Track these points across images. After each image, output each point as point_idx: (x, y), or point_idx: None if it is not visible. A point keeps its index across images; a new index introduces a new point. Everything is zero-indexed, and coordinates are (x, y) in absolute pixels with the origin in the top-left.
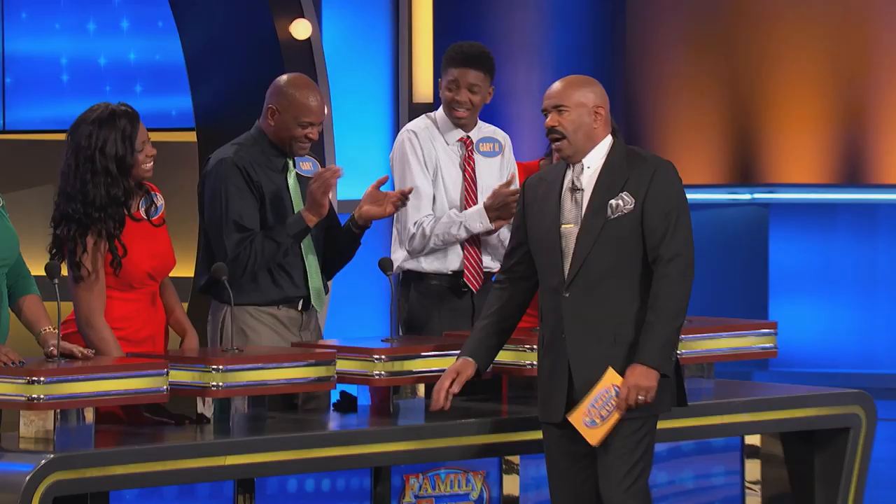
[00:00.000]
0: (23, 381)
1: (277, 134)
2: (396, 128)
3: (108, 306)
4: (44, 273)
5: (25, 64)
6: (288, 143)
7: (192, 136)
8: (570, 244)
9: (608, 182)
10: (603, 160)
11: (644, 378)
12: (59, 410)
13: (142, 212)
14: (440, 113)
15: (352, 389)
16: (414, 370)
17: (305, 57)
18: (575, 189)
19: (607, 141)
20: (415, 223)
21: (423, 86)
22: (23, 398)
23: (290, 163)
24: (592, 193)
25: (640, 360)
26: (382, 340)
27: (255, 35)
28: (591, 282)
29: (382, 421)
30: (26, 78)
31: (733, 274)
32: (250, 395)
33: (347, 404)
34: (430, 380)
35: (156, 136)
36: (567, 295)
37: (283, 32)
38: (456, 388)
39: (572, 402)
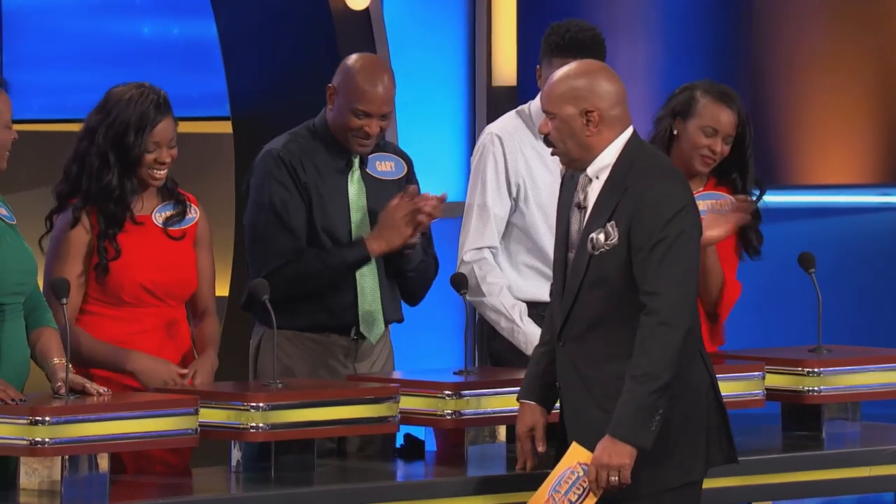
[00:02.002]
0: (24, 421)
1: (335, 122)
2: (472, 115)
3: (94, 324)
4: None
5: (21, 40)
6: (343, 135)
7: (225, 127)
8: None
9: (605, 205)
10: (608, 171)
11: (613, 455)
12: (67, 457)
13: (156, 218)
14: (536, 106)
15: (418, 432)
16: (492, 409)
17: (363, 31)
18: (580, 207)
19: (616, 144)
20: (475, 249)
21: (505, 65)
22: (24, 442)
23: (355, 160)
24: (589, 217)
25: (609, 431)
26: (455, 373)
27: (303, 5)
28: (581, 331)
29: (454, 470)
30: (22, 57)
31: (885, 294)
32: (296, 439)
33: (412, 450)
34: (512, 421)
35: (181, 127)
36: (561, 345)
37: (336, 1)
38: (541, 447)
39: None
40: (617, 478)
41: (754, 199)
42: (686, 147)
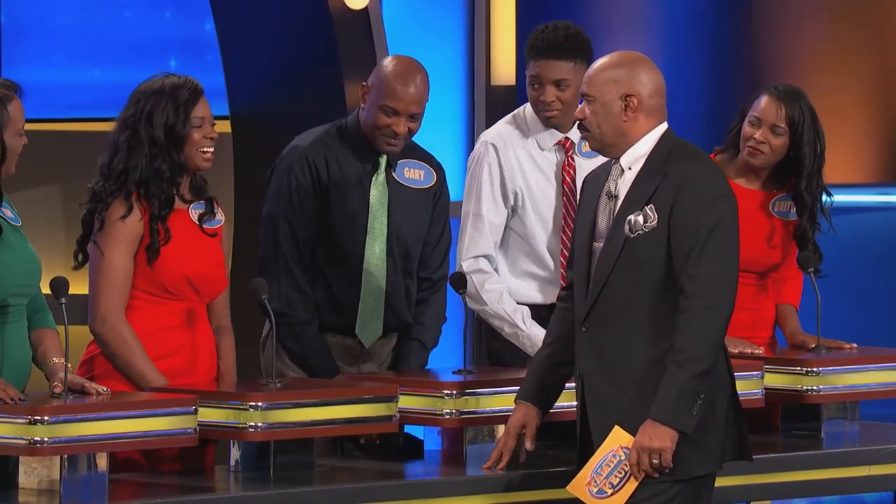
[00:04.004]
0: (23, 420)
1: (366, 120)
2: (471, 115)
3: (128, 316)
4: (48, 291)
5: (20, 38)
6: (372, 133)
7: (223, 126)
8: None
9: (641, 190)
10: (643, 161)
11: (655, 438)
12: (66, 456)
13: (192, 215)
14: (530, 111)
15: (418, 431)
16: (492, 408)
17: (362, 30)
18: (611, 196)
19: (652, 136)
20: (471, 258)
21: (504, 65)
22: (23, 442)
23: (382, 163)
24: (622, 204)
25: (651, 415)
26: (454, 372)
27: (302, 4)
28: (610, 315)
29: (453, 470)
30: (21, 56)
31: (885, 294)
32: (294, 439)
33: (411, 449)
34: None
35: None
36: (584, 329)
37: (335, 1)
38: (529, 446)
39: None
40: (658, 461)
41: (799, 211)
42: (741, 141)
